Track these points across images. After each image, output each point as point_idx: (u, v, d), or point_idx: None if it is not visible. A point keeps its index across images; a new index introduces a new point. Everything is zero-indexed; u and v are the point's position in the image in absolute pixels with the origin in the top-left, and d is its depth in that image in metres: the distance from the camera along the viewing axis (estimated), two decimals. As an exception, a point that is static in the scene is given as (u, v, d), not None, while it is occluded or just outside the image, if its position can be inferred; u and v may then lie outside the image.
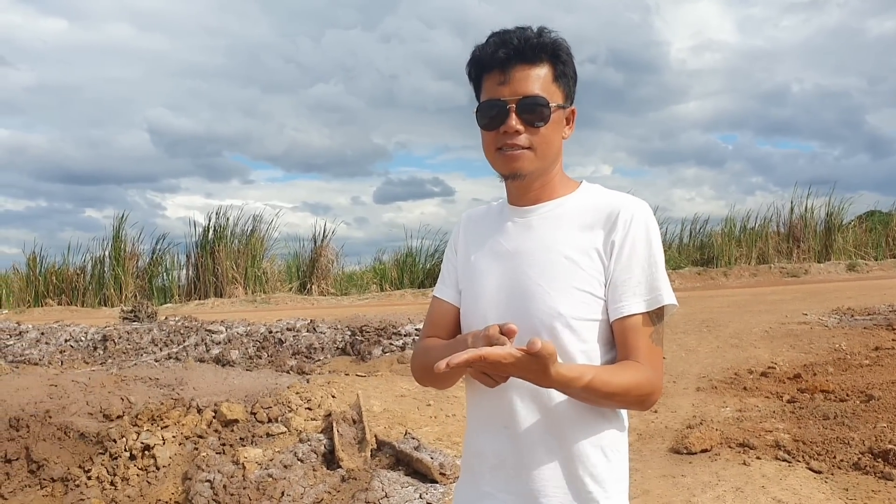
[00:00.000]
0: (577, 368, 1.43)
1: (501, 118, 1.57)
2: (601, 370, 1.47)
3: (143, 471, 4.71)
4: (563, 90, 1.61)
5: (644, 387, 1.51)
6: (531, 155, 1.59)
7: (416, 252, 21.19)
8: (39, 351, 8.96)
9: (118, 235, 20.17)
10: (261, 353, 8.56)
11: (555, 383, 1.37)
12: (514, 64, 1.56)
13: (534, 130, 1.57)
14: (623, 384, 1.48)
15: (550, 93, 1.57)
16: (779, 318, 9.95)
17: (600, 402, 1.52)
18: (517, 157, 1.58)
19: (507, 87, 1.56)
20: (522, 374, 1.35)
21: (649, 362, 1.53)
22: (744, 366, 7.23)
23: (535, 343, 1.27)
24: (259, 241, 20.70)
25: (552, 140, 1.60)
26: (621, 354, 1.57)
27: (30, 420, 5.03)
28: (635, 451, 4.99)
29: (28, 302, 19.32)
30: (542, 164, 1.61)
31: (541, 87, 1.56)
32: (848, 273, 18.06)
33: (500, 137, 1.58)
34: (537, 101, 1.55)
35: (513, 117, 1.55)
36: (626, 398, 1.50)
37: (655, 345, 1.56)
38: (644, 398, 1.53)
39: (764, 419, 5.39)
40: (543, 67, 1.57)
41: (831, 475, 4.40)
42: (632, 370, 1.51)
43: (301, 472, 4.53)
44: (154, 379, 6.08)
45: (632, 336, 1.55)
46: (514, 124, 1.55)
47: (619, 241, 1.56)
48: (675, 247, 21.86)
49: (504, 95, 1.56)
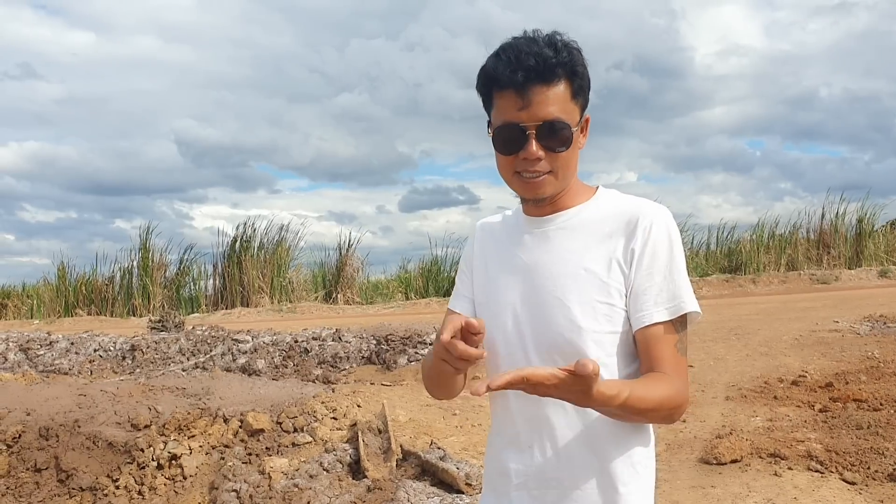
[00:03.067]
0: (616, 386, 1.36)
1: (520, 143, 1.49)
2: (636, 386, 1.41)
3: (171, 480, 4.74)
4: (581, 106, 1.54)
5: (674, 399, 1.46)
6: (552, 179, 1.53)
7: (441, 260, 21.20)
8: (69, 361, 9.06)
9: (146, 246, 20.42)
10: (287, 362, 8.58)
11: (594, 403, 1.30)
12: (532, 86, 1.46)
13: (555, 156, 1.50)
14: (656, 399, 1.43)
15: (569, 112, 1.50)
16: (809, 325, 9.80)
17: (631, 419, 1.47)
18: (539, 183, 1.52)
19: (526, 112, 1.47)
20: (563, 394, 1.28)
21: (675, 373, 1.49)
22: (774, 374, 7.12)
23: (587, 365, 1.19)
24: (285, 250, 20.84)
25: (572, 160, 1.54)
26: (645, 365, 1.52)
27: (59, 429, 5.08)
28: (664, 461, 4.92)
29: (58, 312, 19.61)
30: (562, 185, 1.56)
31: (560, 109, 1.48)
32: (880, 279, 17.77)
33: (519, 163, 1.52)
34: (558, 126, 1.48)
35: (533, 143, 1.48)
36: (658, 413, 1.45)
37: (680, 354, 1.51)
38: (673, 411, 1.48)
39: (795, 429, 5.30)
40: (560, 85, 1.48)
41: (865, 486, 4.31)
42: (663, 384, 1.46)
43: (326, 481, 4.52)
44: (181, 388, 6.12)
45: (655, 346, 1.50)
46: (534, 150, 1.48)
47: (640, 249, 1.52)
48: (702, 254, 21.66)
49: (522, 120, 1.48)
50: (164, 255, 20.84)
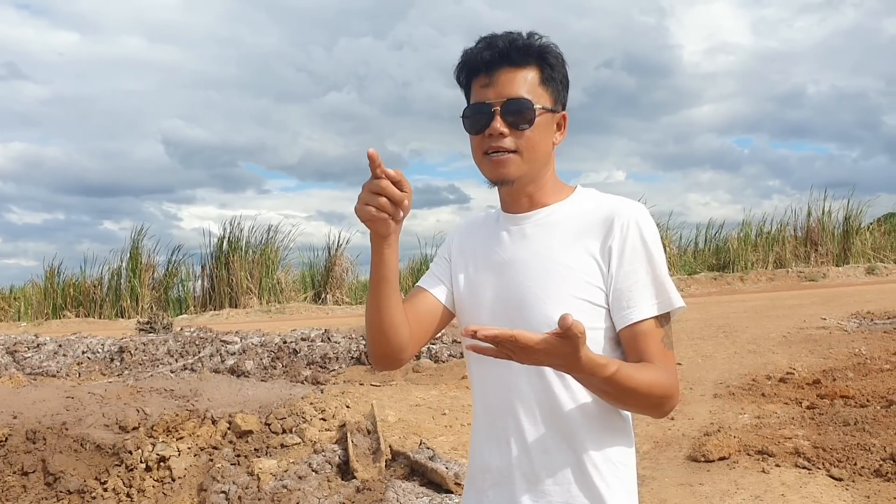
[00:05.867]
0: (605, 357, 1.38)
1: (486, 121, 1.54)
2: (625, 364, 1.43)
3: (159, 482, 4.72)
4: (552, 94, 1.58)
5: (663, 387, 1.47)
6: (517, 159, 1.56)
7: (430, 260, 21.10)
8: (57, 363, 9.00)
9: (135, 248, 20.31)
10: (275, 363, 8.55)
11: (584, 368, 1.31)
12: (500, 66, 1.54)
13: (519, 133, 1.54)
14: (645, 381, 1.43)
15: (537, 95, 1.55)
16: (797, 322, 9.84)
17: (620, 398, 1.47)
18: (503, 161, 1.56)
19: (493, 90, 1.54)
20: (552, 359, 1.30)
21: (664, 365, 1.50)
22: (762, 371, 7.15)
23: (567, 318, 1.20)
24: (273, 251, 20.74)
25: (539, 144, 1.56)
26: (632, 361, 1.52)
27: (46, 432, 5.05)
28: (652, 459, 4.94)
29: (46, 314, 19.46)
30: (529, 169, 1.58)
31: (527, 90, 1.54)
32: (867, 276, 17.87)
33: (485, 141, 1.56)
34: (522, 103, 1.53)
35: (497, 119, 1.53)
36: (648, 398, 1.46)
37: (667, 349, 1.53)
38: (663, 401, 1.49)
39: (783, 426, 5.33)
40: (531, 70, 1.55)
41: (852, 482, 4.34)
42: (652, 370, 1.47)
43: (316, 482, 4.52)
44: (169, 390, 6.10)
45: (643, 342, 1.51)
46: (498, 126, 1.53)
47: (618, 247, 1.53)
48: (690, 252, 21.70)
49: (489, 98, 1.54)
50: (153, 256, 20.73)
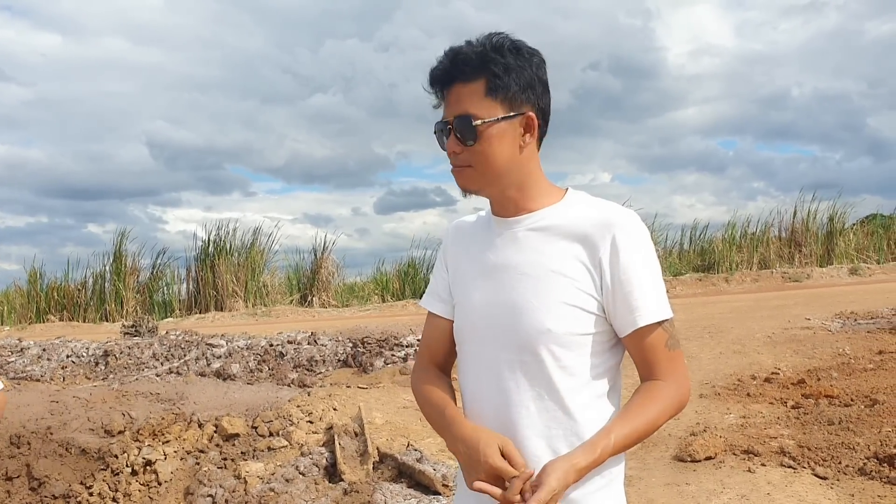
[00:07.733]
0: (598, 444, 1.48)
1: (444, 138, 1.60)
2: (619, 424, 1.51)
3: (145, 486, 4.69)
4: (504, 101, 1.55)
5: (670, 409, 1.55)
6: (472, 172, 1.59)
7: (417, 262, 21.14)
8: (41, 367, 8.93)
9: (119, 251, 20.17)
10: (262, 366, 8.52)
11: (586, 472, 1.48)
12: (452, 83, 1.58)
13: (469, 148, 1.56)
14: (646, 423, 1.52)
15: (484, 108, 1.54)
16: (781, 323, 9.91)
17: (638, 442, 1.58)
18: (460, 174, 1.61)
19: (447, 108, 1.60)
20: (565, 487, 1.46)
21: (671, 372, 1.56)
22: (747, 372, 7.19)
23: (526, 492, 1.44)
24: (259, 253, 20.68)
25: (492, 155, 1.56)
26: (642, 371, 1.58)
27: (31, 437, 5.01)
28: (638, 459, 4.96)
29: (29, 318, 19.30)
30: (485, 180, 1.60)
31: (472, 104, 1.55)
32: (850, 277, 18.00)
33: (448, 156, 1.62)
34: (463, 120, 1.55)
35: (452, 138, 1.58)
36: (658, 426, 1.55)
37: (673, 349, 1.57)
38: (675, 414, 1.57)
39: (768, 425, 5.36)
40: (477, 83, 1.55)
41: (837, 481, 4.37)
42: (653, 402, 1.53)
43: (303, 485, 4.50)
44: (155, 394, 6.07)
45: (648, 348, 1.55)
46: (451, 145, 1.59)
47: (613, 256, 1.53)
48: (675, 253, 21.81)
49: (445, 116, 1.60)
50: (138, 259, 20.60)
